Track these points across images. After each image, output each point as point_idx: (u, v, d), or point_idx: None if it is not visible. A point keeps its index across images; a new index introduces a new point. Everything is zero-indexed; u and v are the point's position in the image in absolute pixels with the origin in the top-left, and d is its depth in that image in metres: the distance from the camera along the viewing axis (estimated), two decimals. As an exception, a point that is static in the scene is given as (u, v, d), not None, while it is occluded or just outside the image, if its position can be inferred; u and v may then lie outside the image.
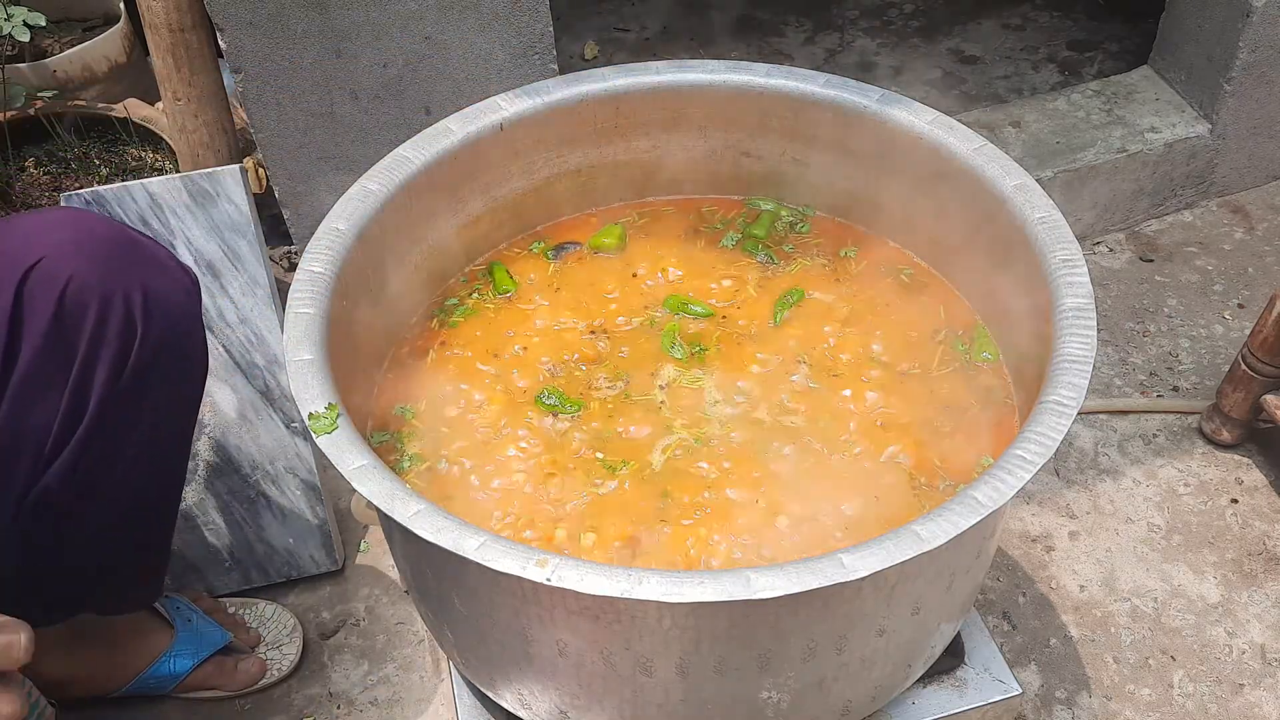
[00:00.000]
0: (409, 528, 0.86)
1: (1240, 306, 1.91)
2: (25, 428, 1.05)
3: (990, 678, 1.23)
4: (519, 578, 0.83)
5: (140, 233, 1.13)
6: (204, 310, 1.44)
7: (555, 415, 1.12)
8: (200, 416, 1.45)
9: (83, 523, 1.14)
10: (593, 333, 1.21)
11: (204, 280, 1.45)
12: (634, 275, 1.27)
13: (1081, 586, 1.54)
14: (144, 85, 2.04)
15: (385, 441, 1.11)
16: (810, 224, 1.32)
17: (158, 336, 1.08)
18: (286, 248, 1.90)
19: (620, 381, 1.16)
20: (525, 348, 1.19)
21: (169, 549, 1.31)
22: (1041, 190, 1.11)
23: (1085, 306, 1.00)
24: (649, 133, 1.29)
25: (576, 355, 1.18)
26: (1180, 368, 1.82)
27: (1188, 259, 2.00)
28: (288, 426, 1.49)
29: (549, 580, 0.82)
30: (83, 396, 1.06)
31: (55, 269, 1.02)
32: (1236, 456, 1.69)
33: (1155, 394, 1.78)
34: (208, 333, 1.44)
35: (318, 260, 1.06)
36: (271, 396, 1.48)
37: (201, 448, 1.46)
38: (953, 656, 1.23)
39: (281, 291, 1.46)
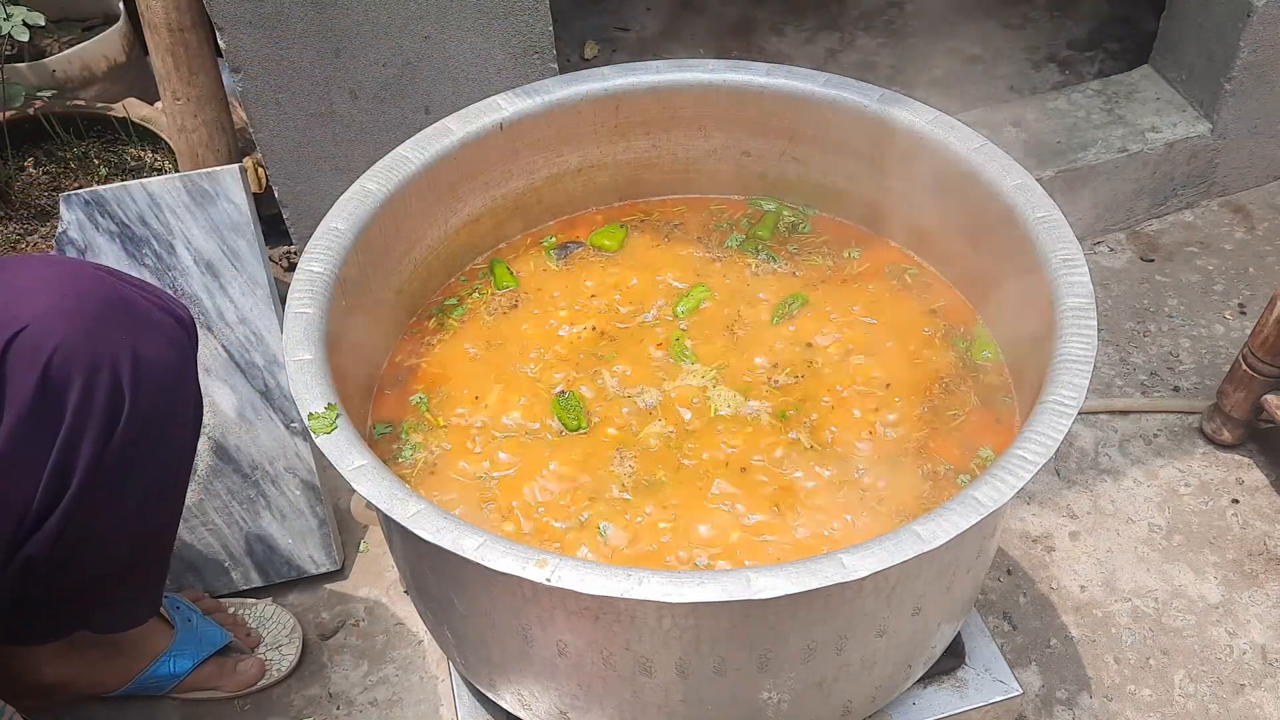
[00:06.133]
0: (409, 528, 0.86)
1: (1241, 306, 1.91)
2: (5, 500, 0.99)
3: (991, 678, 1.23)
4: (519, 578, 0.83)
5: (133, 283, 1.07)
6: (204, 310, 1.45)
7: (555, 415, 1.12)
8: (200, 416, 1.45)
9: (70, 573, 1.10)
10: (594, 331, 1.21)
11: (204, 280, 1.45)
12: (636, 275, 1.26)
13: (1082, 587, 1.54)
14: (143, 85, 2.03)
15: (386, 433, 1.11)
16: (811, 224, 1.32)
17: (147, 406, 1.03)
18: (286, 248, 1.90)
19: (621, 381, 1.16)
20: (525, 346, 1.19)
21: (166, 571, 1.29)
22: (1042, 190, 1.10)
23: (1086, 306, 1.00)
24: (649, 132, 1.29)
25: (577, 354, 1.18)
26: (1181, 367, 1.82)
27: (1188, 259, 2.00)
28: (287, 426, 1.49)
29: (549, 580, 0.82)
30: (66, 471, 1.00)
31: (41, 337, 0.97)
32: (1237, 456, 1.69)
33: (1156, 394, 1.78)
34: (208, 332, 1.45)
35: (317, 260, 1.06)
36: (271, 396, 1.48)
37: (201, 448, 1.46)
38: (953, 657, 1.23)
39: (281, 291, 1.46)
